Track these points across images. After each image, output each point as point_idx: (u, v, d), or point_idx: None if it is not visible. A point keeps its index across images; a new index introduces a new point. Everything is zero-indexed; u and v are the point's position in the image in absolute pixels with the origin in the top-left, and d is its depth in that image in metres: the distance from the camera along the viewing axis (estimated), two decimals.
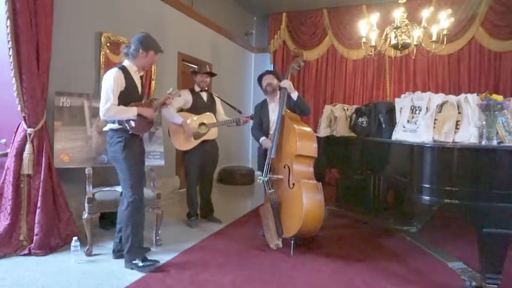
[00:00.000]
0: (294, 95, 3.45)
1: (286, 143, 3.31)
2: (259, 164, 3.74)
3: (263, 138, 3.62)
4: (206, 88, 4.07)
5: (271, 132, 3.53)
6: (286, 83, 3.43)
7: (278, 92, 3.66)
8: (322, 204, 3.12)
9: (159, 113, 3.58)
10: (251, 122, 4.00)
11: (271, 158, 3.31)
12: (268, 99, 3.77)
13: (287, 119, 3.35)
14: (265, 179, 3.28)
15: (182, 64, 5.54)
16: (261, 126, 3.76)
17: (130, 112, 2.70)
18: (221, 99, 4.22)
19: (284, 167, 3.28)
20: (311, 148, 3.27)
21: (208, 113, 3.98)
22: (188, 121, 3.86)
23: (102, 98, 2.68)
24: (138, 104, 2.78)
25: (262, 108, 3.78)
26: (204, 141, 3.91)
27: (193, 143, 3.88)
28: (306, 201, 3.02)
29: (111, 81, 2.65)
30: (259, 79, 3.77)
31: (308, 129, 3.35)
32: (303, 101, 3.52)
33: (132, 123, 2.72)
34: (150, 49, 2.77)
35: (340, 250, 3.31)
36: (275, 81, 3.67)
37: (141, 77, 2.96)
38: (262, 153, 3.63)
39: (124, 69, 2.76)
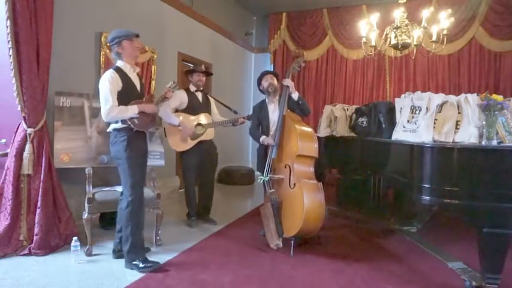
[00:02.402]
0: (295, 95, 3.45)
1: (287, 143, 3.32)
2: (259, 166, 3.72)
3: (263, 137, 3.59)
4: (202, 88, 4.05)
5: (272, 132, 3.53)
6: (289, 82, 3.43)
7: (278, 93, 3.66)
8: (322, 204, 3.13)
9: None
10: (248, 123, 3.97)
11: (272, 158, 3.31)
12: (267, 100, 3.74)
13: (288, 119, 3.35)
14: (266, 178, 3.28)
15: (182, 64, 5.54)
16: (259, 127, 3.74)
17: (131, 110, 2.71)
18: (215, 100, 4.20)
19: (285, 167, 3.28)
20: (312, 148, 3.27)
21: (205, 114, 3.96)
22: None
23: (101, 102, 2.69)
24: (138, 101, 2.79)
25: (261, 109, 3.75)
26: (200, 142, 3.89)
27: (190, 144, 3.86)
28: (307, 201, 3.02)
29: (107, 83, 2.67)
30: (259, 79, 3.75)
31: (309, 129, 3.35)
32: (303, 101, 3.52)
33: (136, 121, 2.73)
34: (122, 40, 2.74)
35: (340, 250, 3.31)
36: (275, 81, 3.66)
37: (139, 75, 2.95)
38: (262, 155, 3.61)
39: (118, 69, 2.76)
